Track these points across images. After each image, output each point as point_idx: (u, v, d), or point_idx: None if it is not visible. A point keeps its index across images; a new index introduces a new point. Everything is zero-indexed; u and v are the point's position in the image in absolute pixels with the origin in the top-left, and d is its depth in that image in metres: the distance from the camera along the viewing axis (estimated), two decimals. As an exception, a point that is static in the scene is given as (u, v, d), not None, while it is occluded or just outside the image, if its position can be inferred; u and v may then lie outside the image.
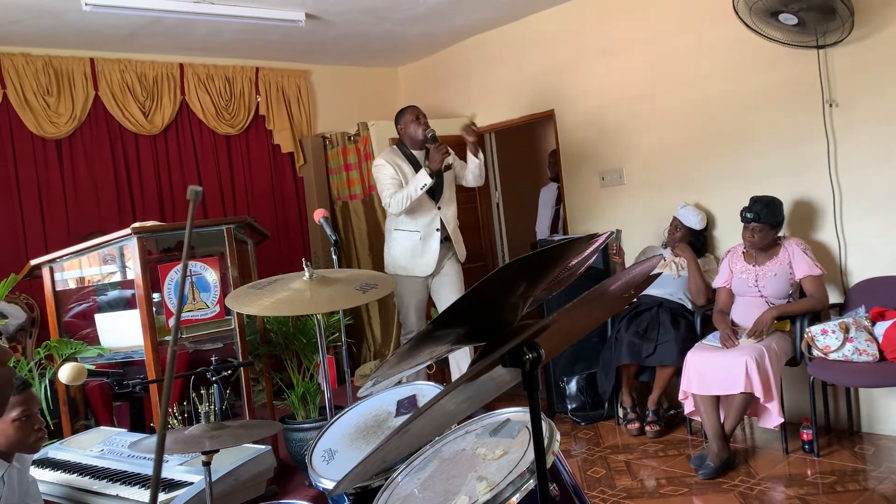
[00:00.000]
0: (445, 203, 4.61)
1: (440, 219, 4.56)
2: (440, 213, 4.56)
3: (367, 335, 6.07)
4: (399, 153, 4.60)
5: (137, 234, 3.46)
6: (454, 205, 4.67)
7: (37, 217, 4.99)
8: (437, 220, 4.55)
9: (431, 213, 4.54)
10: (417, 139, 4.54)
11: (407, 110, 4.63)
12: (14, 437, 2.28)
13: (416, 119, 4.55)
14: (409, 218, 4.53)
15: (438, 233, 4.55)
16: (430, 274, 4.59)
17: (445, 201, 4.61)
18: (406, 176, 4.50)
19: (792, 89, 4.23)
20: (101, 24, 4.66)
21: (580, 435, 4.53)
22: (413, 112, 4.59)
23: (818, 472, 3.61)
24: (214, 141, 5.81)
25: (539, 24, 5.54)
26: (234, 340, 3.79)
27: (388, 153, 4.62)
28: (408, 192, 4.39)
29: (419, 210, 4.52)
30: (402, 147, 4.63)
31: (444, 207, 4.59)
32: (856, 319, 3.74)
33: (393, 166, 4.50)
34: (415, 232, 4.55)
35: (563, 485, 1.71)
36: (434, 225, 4.55)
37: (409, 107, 4.67)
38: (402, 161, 4.55)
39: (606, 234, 1.52)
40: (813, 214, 4.23)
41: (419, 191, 4.36)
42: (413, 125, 4.55)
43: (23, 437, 2.30)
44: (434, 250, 4.55)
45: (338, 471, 2.18)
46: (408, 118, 4.58)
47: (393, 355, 1.35)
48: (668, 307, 4.40)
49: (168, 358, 1.08)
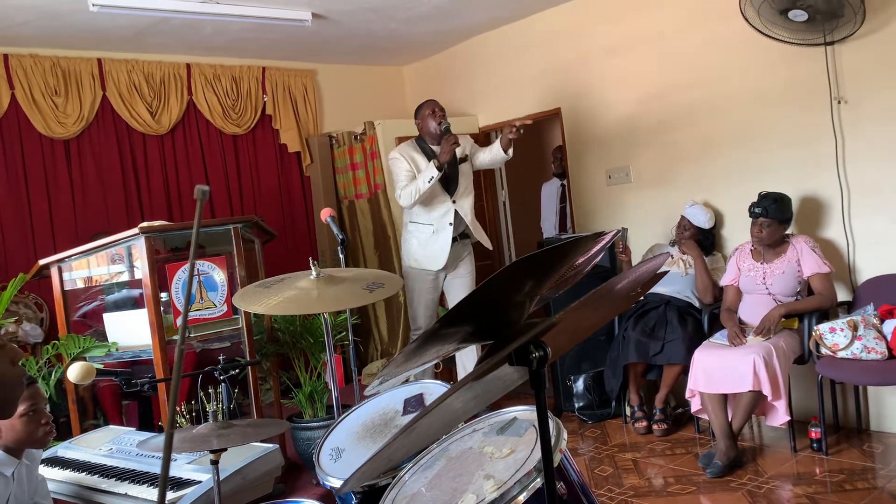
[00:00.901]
0: (461, 196, 4.56)
1: (455, 212, 4.51)
2: (455, 206, 4.52)
3: (374, 334, 6.08)
4: (416, 147, 4.58)
5: (145, 233, 3.47)
6: (471, 197, 4.62)
7: (45, 217, 5.02)
8: (451, 214, 4.51)
9: (445, 205, 4.51)
10: (432, 132, 4.51)
11: (425, 104, 4.60)
12: (22, 432, 2.31)
13: (433, 113, 4.52)
14: (423, 210, 4.51)
15: (451, 227, 4.50)
16: (443, 268, 4.56)
17: (461, 194, 4.56)
18: (419, 168, 4.47)
19: (800, 86, 4.21)
20: (109, 24, 4.67)
21: (587, 433, 4.52)
22: (430, 106, 4.56)
23: (826, 471, 3.60)
24: (221, 140, 5.82)
25: (545, 21, 5.53)
26: (242, 339, 3.80)
27: (405, 147, 4.60)
28: (416, 185, 4.37)
29: (433, 203, 4.49)
30: (421, 141, 4.61)
31: (459, 200, 4.55)
32: (864, 317, 3.72)
33: (407, 160, 4.48)
34: (427, 225, 4.53)
35: (570, 483, 1.70)
36: (447, 219, 4.50)
37: (427, 101, 4.63)
38: (417, 154, 4.53)
39: (613, 233, 1.52)
40: (821, 212, 4.22)
41: (427, 183, 4.32)
42: (430, 119, 4.52)
43: (31, 432, 2.33)
44: (446, 244, 4.51)
45: (345, 469, 2.19)
46: (425, 112, 4.56)
47: (400, 354, 1.35)
48: (676, 305, 4.39)
49: (175, 357, 1.09)
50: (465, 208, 4.57)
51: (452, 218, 4.50)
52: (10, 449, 2.34)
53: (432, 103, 4.58)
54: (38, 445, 2.42)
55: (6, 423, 2.29)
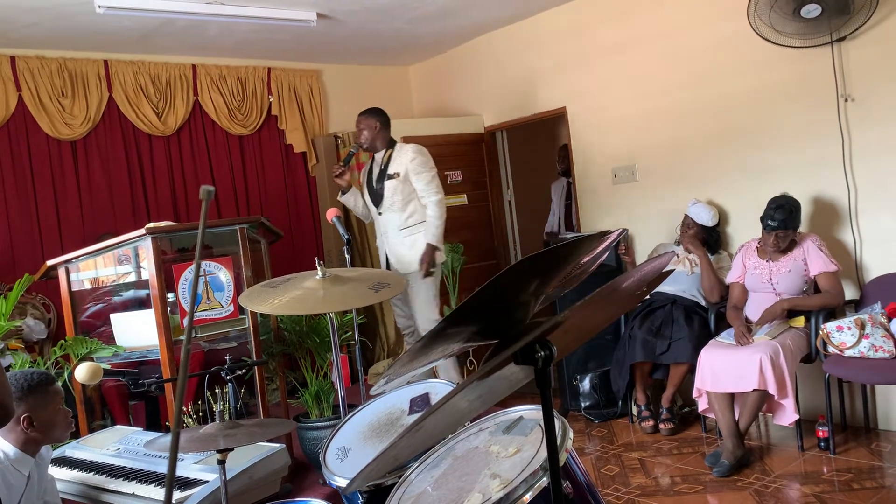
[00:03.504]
0: (386, 209, 4.51)
1: (382, 223, 4.57)
2: (382, 219, 4.56)
3: (380, 334, 6.08)
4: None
5: (152, 234, 3.48)
6: (401, 214, 4.48)
7: (52, 218, 5.04)
8: (380, 226, 4.60)
9: (377, 216, 4.60)
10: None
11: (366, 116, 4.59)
12: (60, 424, 2.45)
13: (359, 130, 4.56)
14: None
15: (384, 237, 4.57)
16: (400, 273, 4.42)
17: (386, 208, 4.51)
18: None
19: (806, 84, 4.19)
20: (115, 25, 4.69)
21: (594, 433, 4.52)
22: (358, 121, 4.58)
23: (834, 470, 3.59)
24: (227, 141, 5.84)
25: (550, 21, 5.53)
26: (248, 339, 3.80)
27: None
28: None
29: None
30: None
31: (385, 213, 4.53)
32: (872, 316, 3.70)
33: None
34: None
35: (576, 482, 1.70)
36: (381, 229, 4.61)
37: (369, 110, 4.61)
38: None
39: (618, 232, 1.51)
40: (828, 210, 4.20)
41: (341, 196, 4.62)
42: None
43: (65, 426, 2.47)
44: (382, 252, 4.63)
45: (351, 469, 2.19)
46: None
47: (405, 353, 1.35)
48: (682, 304, 4.38)
49: (182, 357, 1.09)
50: (390, 223, 4.51)
51: (383, 229, 4.58)
52: (28, 447, 2.39)
53: (359, 118, 4.58)
54: (62, 438, 2.52)
55: (44, 417, 2.39)
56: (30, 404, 2.35)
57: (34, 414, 2.36)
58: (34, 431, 2.37)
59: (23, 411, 2.34)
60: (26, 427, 2.35)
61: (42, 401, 2.38)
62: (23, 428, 2.35)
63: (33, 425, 2.36)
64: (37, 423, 2.36)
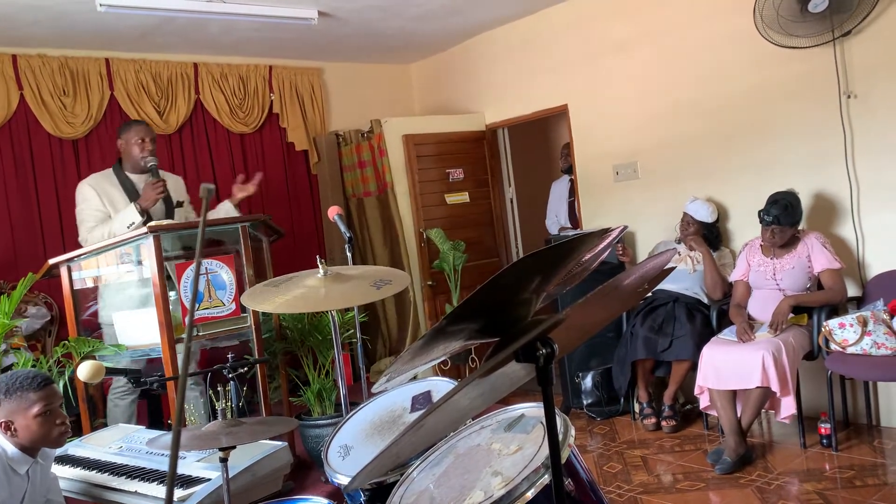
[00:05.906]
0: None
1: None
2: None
3: (382, 332, 6.08)
4: (113, 179, 4.06)
5: (153, 232, 3.49)
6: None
7: (54, 217, 5.04)
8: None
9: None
10: (135, 162, 4.05)
11: (132, 126, 4.09)
12: (37, 432, 2.34)
13: (141, 141, 4.02)
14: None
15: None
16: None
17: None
18: (116, 207, 3.97)
19: (808, 81, 4.19)
20: (116, 24, 4.69)
21: (596, 430, 4.52)
22: (138, 132, 4.04)
23: (836, 467, 3.59)
24: (229, 139, 5.84)
25: (552, 18, 5.52)
26: (250, 338, 3.81)
27: (98, 178, 4.08)
28: (111, 229, 3.87)
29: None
30: (119, 170, 4.09)
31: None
32: (874, 313, 3.70)
33: (100, 196, 3.98)
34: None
35: (578, 480, 1.70)
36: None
37: (135, 122, 4.19)
38: (113, 188, 4.02)
39: (619, 229, 1.51)
40: (830, 207, 4.19)
41: (126, 229, 3.79)
42: (136, 147, 4.03)
43: (46, 433, 2.35)
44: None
45: (353, 466, 2.19)
46: (130, 136, 4.04)
47: (407, 351, 1.35)
48: (684, 302, 4.38)
49: (183, 355, 1.09)
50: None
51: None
52: (26, 448, 2.36)
53: (141, 129, 4.06)
54: (53, 445, 2.45)
55: (22, 423, 2.32)
56: (6, 409, 2.30)
57: (13, 419, 2.30)
58: (14, 437, 2.32)
59: (2, 416, 2.30)
60: (4, 431, 2.31)
61: (17, 406, 2.30)
62: (1, 432, 2.32)
63: (12, 430, 2.31)
64: (17, 429, 2.31)
